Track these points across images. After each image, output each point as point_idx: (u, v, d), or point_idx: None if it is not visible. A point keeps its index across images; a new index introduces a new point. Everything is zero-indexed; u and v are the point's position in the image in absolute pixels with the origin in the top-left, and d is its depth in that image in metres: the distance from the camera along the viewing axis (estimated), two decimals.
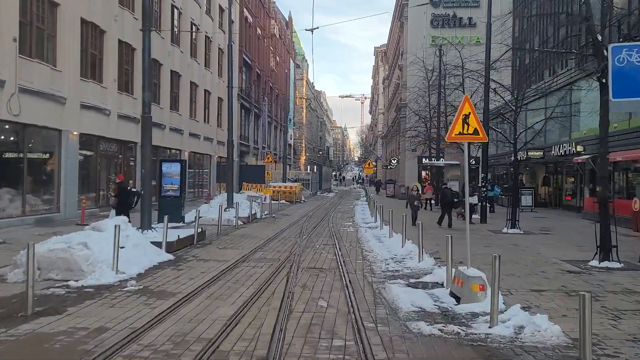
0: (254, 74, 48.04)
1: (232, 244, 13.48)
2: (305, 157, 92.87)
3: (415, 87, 36.52)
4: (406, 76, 41.22)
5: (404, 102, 41.46)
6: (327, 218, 22.29)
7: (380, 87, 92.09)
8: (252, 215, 20.48)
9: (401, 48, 46.33)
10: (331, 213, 25.30)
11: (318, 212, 25.84)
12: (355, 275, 9.52)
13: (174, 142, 28.15)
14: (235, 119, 41.71)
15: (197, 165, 33.24)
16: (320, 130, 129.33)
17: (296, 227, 18.11)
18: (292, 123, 75.16)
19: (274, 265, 10.30)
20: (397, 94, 51.04)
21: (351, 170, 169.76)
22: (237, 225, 17.43)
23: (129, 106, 22.64)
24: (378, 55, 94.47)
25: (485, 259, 10.18)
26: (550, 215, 25.03)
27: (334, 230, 17.23)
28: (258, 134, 51.89)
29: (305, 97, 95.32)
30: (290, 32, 74.80)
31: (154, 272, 9.34)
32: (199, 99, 32.65)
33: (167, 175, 17.88)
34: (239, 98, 42.44)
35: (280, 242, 14.14)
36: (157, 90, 26.04)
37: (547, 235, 16.64)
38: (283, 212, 25.53)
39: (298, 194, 34.15)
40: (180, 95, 29.34)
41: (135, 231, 10.41)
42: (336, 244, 13.58)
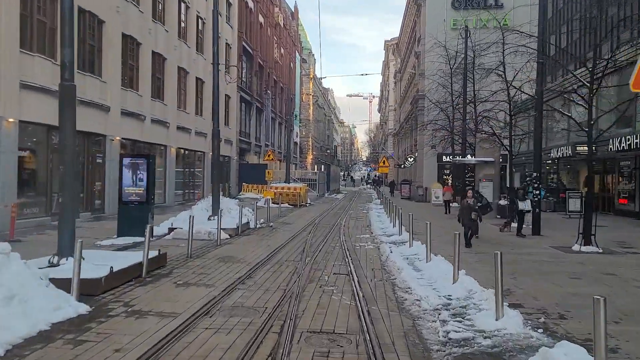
0: (255, 65, 43.91)
1: (200, 274, 9.27)
2: (313, 156, 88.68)
3: (435, 75, 32.21)
4: (424, 64, 36.87)
5: (421, 92, 37.13)
6: (338, 227, 18.06)
7: (390, 82, 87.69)
8: (244, 226, 16.31)
9: (417, 34, 41.97)
10: (342, 220, 21.06)
11: (326, 219, 21.60)
12: (395, 355, 5.29)
13: (157, 136, 24.03)
14: (234, 112, 37.64)
15: (187, 163, 29.14)
16: (328, 129, 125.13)
17: (298, 243, 13.89)
18: (299, 120, 71.00)
19: (253, 327, 6.09)
20: (412, 86, 46.69)
21: (359, 170, 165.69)
22: (218, 242, 13.21)
23: (95, 90, 18.60)
24: (388, 49, 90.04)
25: (585, 302, 5.96)
26: (607, 223, 20.61)
27: (348, 248, 12.99)
28: (261, 131, 47.76)
29: (312, 93, 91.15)
30: (296, 23, 70.64)
31: (29, 348, 5.16)
32: (190, 87, 28.54)
33: (131, 175, 13.71)
34: (238, 90, 38.33)
35: (273, 270, 9.92)
36: (133, 73, 21.94)
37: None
38: (284, 219, 21.31)
39: (303, 196, 29.97)
40: (165, 81, 25.23)
41: (19, 266, 6.18)
42: (353, 275, 9.35)
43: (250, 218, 17.68)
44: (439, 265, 9.77)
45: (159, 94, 24.50)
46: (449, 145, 33.25)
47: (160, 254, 9.59)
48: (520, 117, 22.92)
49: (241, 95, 39.64)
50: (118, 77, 20.14)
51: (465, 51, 27.60)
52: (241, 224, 15.56)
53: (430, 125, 33.23)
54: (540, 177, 17.00)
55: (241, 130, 41.12)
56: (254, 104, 43.76)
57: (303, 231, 16.80)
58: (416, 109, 39.35)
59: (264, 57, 47.42)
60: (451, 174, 37.32)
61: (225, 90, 35.14)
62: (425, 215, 24.70)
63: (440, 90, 32.71)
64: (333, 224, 19.30)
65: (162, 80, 24.96)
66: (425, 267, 9.96)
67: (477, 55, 25.22)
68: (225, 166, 36.39)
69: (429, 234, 10.74)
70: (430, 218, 21.34)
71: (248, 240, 14.18)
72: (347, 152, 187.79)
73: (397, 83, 69.94)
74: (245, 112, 42.98)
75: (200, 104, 30.90)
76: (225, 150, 35.40)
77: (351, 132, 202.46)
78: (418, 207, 29.09)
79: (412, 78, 46.50)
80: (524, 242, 14.51)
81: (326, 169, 52.94)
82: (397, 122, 69.13)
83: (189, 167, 29.39)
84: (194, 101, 29.33)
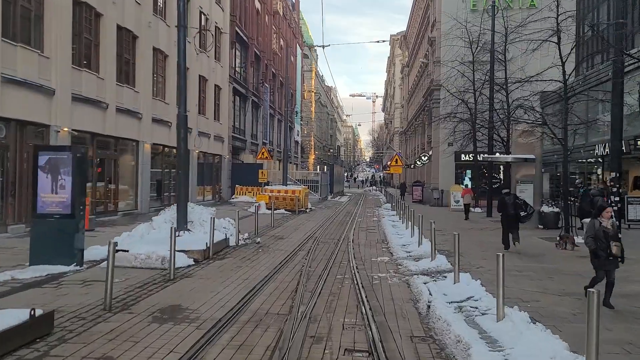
0: (251, 54, 39.75)
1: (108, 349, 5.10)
2: (315, 156, 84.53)
3: (454, 61, 28.02)
4: (439, 50, 32.64)
5: (436, 83, 32.89)
6: (345, 244, 13.86)
7: (396, 79, 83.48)
8: (219, 244, 12.14)
9: (431, 18, 37.72)
10: (350, 232, 16.86)
11: (330, 231, 17.40)
12: None
13: (126, 128, 19.86)
14: (226, 106, 33.48)
15: (168, 163, 24.97)
16: (331, 128, 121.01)
17: (289, 274, 9.68)
18: (299, 117, 66.86)
19: None
20: (423, 77, 42.46)
21: (362, 170, 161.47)
22: (172, 275, 8.96)
23: (32, 67, 14.47)
24: (394, 44, 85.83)
25: None
26: None
27: (363, 283, 8.80)
28: (257, 127, 43.60)
29: (314, 90, 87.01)
30: (297, 15, 66.49)
31: None
32: (170, 74, 24.38)
33: (49, 176, 9.54)
34: (231, 81, 34.19)
35: (238, 340, 5.73)
36: (91, 51, 17.82)
37: None
38: (277, 231, 17.10)
39: (303, 200, 25.79)
40: (137, 64, 21.08)
41: None
42: (379, 352, 5.16)
43: (231, 232, 13.50)
44: (526, 333, 5.56)
45: (128, 78, 20.35)
46: (471, 141, 29.04)
47: (35, 318, 5.36)
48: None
49: (234, 87, 35.50)
50: (68, 53, 16.00)
51: (492, 27, 23.42)
52: (212, 244, 11.33)
53: (449, 118, 29.02)
54: (619, 179, 12.78)
55: (235, 126, 36.97)
56: (249, 97, 39.61)
57: (299, 250, 12.61)
58: (430, 101, 35.14)
59: (261, 47, 43.28)
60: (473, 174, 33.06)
61: (215, 80, 31.02)
62: (446, 223, 20.57)
63: (459, 79, 28.54)
64: (339, 239, 15.09)
65: (132, 62, 20.81)
66: (502, 334, 5.75)
67: (511, 32, 21.04)
68: (215, 166, 32.25)
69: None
70: (453, 227, 17.14)
71: (219, 270, 9.97)
72: (350, 152, 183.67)
73: (405, 78, 65.72)
74: (240, 107, 38.83)
75: None
76: (215, 147, 31.26)
77: (354, 133, 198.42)
78: (435, 213, 24.91)
79: (424, 69, 42.26)
80: None
81: (329, 169, 48.76)
82: (405, 119, 64.93)
83: (170, 167, 25.27)
84: (173, 89, 25.13)
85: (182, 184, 12.46)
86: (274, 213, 23.67)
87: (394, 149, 65.78)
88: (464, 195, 25.53)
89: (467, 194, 25.38)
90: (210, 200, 30.86)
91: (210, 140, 30.19)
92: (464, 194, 25.80)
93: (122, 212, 19.82)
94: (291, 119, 61.22)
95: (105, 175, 18.83)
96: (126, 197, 20.55)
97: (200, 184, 29.88)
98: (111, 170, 19.36)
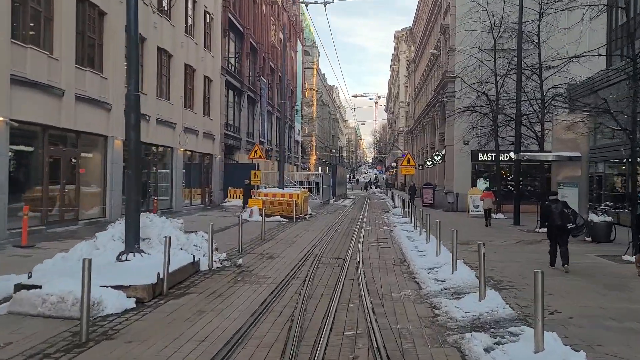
0: (246, 45, 36.52)
1: None
2: (316, 157, 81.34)
3: (473, 48, 24.78)
4: (454, 35, 29.38)
5: (451, 74, 29.62)
6: (354, 269, 10.59)
7: (401, 77, 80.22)
8: (184, 270, 8.90)
9: (443, 3, 34.40)
10: (357, 248, 13.60)
11: (333, 247, 14.12)
12: None
13: (90, 121, 16.64)
14: (218, 100, 30.25)
15: (150, 163, 21.70)
16: (333, 128, 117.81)
17: (275, 327, 6.37)
18: (300, 114, 63.66)
19: None
20: (434, 70, 39.18)
21: (365, 172, 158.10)
22: (82, 336, 5.68)
23: None
24: (399, 40, 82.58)
25: None
26: None
27: (386, 345, 5.55)
28: (254, 125, 40.37)
29: (315, 88, 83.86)
30: (298, 7, 63.27)
31: None
32: (149, 60, 21.18)
33: None
34: (223, 73, 30.97)
35: None
36: (40, 23, 14.60)
37: None
38: (268, 246, 13.82)
39: (302, 205, 22.54)
40: (105, 46, 17.86)
41: None
42: None
43: (203, 252, 10.25)
44: None
45: (92, 61, 17.13)
46: (491, 138, 25.80)
47: None
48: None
49: (227, 79, 32.28)
50: (6, 25, 12.78)
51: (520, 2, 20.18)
52: (168, 273, 8.02)
53: (467, 112, 25.77)
54: None
55: (228, 122, 33.74)
56: (245, 92, 36.36)
57: (292, 278, 9.35)
58: (443, 95, 31.86)
59: (258, 38, 40.05)
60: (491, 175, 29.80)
61: (205, 71, 27.80)
62: (470, 232, 17.43)
63: (477, 69, 25.34)
64: (344, 258, 11.83)
65: (99, 44, 17.60)
66: None
67: (548, 5, 17.83)
68: (205, 167, 29.02)
69: None
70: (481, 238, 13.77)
71: (168, 319, 6.67)
72: (353, 153, 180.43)
73: (411, 74, 62.46)
74: (234, 102, 35.61)
75: (167, 83, 23.51)
76: (205, 146, 28.03)
77: (357, 134, 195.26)
78: (451, 220, 21.69)
79: (435, 61, 38.97)
80: None
81: (332, 170, 45.49)
82: (411, 118, 61.66)
83: (155, 166, 21.97)
84: (155, 78, 21.94)
85: (132, 188, 9.19)
86: (269, 221, 20.52)
87: (400, 148, 62.40)
88: (484, 199, 22.37)
89: (487, 198, 22.20)
90: (199, 205, 27.64)
91: (199, 137, 26.96)
92: (483, 197, 22.61)
93: (86, 220, 16.60)
94: (291, 117, 58.01)
95: (62, 177, 15.58)
96: (91, 203, 17.33)
97: (187, 186, 26.67)
98: (69, 171, 16.12)
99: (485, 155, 29.21)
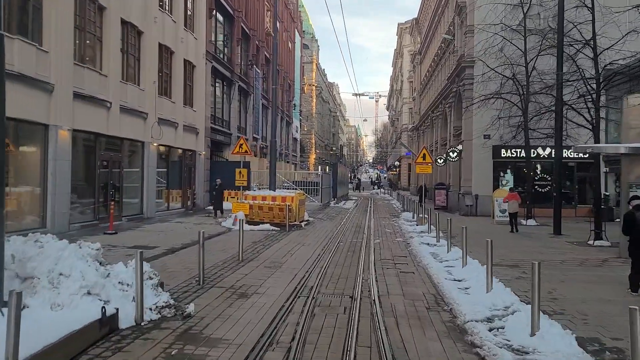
0: (237, 31, 32.74)
1: None
2: (316, 156, 77.59)
3: (499, 25, 21.06)
4: (473, 12, 25.59)
5: (469, 58, 25.82)
6: (368, 319, 6.85)
7: (404, 72, 76.39)
8: (84, 335, 5.14)
9: None
10: (369, 274, 9.83)
11: (334, 272, 10.29)
12: None
13: (22, 106, 12.82)
14: (202, 89, 26.45)
15: (113, 159, 17.88)
16: (333, 127, 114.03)
17: None
18: (298, 110, 59.86)
19: None
20: (445, 57, 35.35)
21: (365, 171, 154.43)
22: None
23: None
24: (402, 33, 78.74)
25: None
26: None
27: None
28: (246, 120, 36.61)
29: (315, 84, 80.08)
30: None
31: None
32: (110, 33, 17.38)
33: None
34: (209, 59, 27.21)
35: None
36: None
37: None
38: (242, 273, 9.95)
39: (296, 210, 18.77)
40: (45, 12, 14.05)
41: None
42: None
43: (133, 295, 6.47)
44: None
45: (25, 29, 13.33)
46: (519, 130, 22.10)
47: None
48: None
49: (215, 67, 28.50)
50: None
51: None
52: None
53: (489, 102, 22.05)
54: None
55: (215, 116, 29.99)
56: (235, 82, 32.58)
57: (268, 346, 5.59)
58: (459, 83, 28.06)
59: (251, 24, 36.28)
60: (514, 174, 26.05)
61: (186, 54, 24.02)
62: (504, 244, 13.68)
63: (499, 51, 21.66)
64: (352, 295, 8.06)
65: (38, 7, 13.79)
66: None
67: None
68: (187, 165, 25.23)
69: None
70: (522, 252, 10.03)
71: None
72: (353, 153, 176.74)
73: (416, 67, 58.64)
74: (224, 93, 31.85)
75: (136, 65, 19.72)
76: (186, 141, 24.25)
77: (357, 133, 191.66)
78: (474, 226, 18.00)
79: (446, 48, 35.16)
80: None
81: (332, 169, 41.67)
82: (416, 114, 57.86)
83: (111, 164, 18.22)
84: (119, 58, 18.15)
85: None
86: (256, 230, 16.81)
87: (405, 145, 58.56)
88: (508, 202, 18.78)
89: (512, 201, 18.65)
90: (179, 209, 23.86)
91: (179, 130, 23.19)
92: (508, 199, 18.99)
93: (16, 232, 12.81)
94: (289, 112, 54.20)
95: None
96: (23, 210, 13.56)
97: (167, 188, 22.91)
98: None
99: (509, 152, 25.43)
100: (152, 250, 11.73)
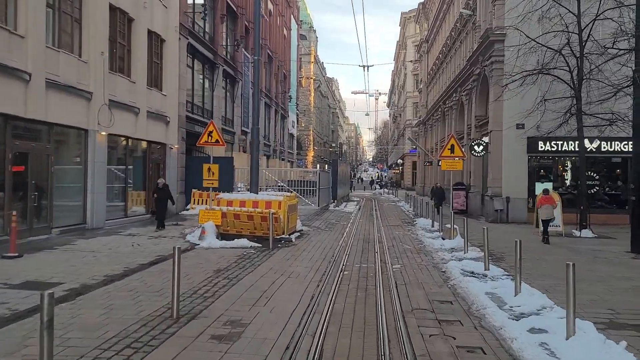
0: (221, 5, 28.13)
1: None
2: (314, 153, 72.94)
3: None
4: None
5: (498, 31, 21.15)
6: None
7: (407, 65, 71.76)
8: None
9: None
10: (396, 351, 5.23)
11: (338, 343, 5.70)
12: None
13: None
14: (174, 69, 21.80)
15: (35, 152, 13.25)
16: (333, 123, 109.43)
17: None
18: (294, 103, 55.19)
19: None
20: (462, 35, 30.66)
21: (365, 170, 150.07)
22: None
23: None
24: (405, 23, 74.15)
25: None
26: None
27: None
28: (233, 110, 32.02)
29: (313, 77, 75.47)
30: None
31: None
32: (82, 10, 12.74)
33: None
34: (184, 33, 22.58)
35: None
36: None
37: None
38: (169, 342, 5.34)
39: (285, 220, 14.16)
40: None
41: None
42: None
43: None
44: None
45: None
46: (564, 119, 17.59)
47: None
48: None
49: (193, 45, 23.89)
50: None
51: None
52: None
53: (526, 83, 17.50)
54: None
55: (194, 103, 25.40)
56: (219, 65, 27.94)
57: None
58: (483, 63, 23.37)
59: (239, 1, 31.68)
60: (553, 172, 21.49)
61: (150, 24, 19.40)
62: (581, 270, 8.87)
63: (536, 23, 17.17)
64: None
65: None
66: None
67: None
68: (154, 160, 20.60)
69: None
70: (617, 291, 5.64)
71: None
72: (353, 151, 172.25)
73: (423, 56, 53.97)
74: (205, 77, 27.27)
75: (74, 28, 15.05)
76: (151, 131, 19.63)
77: (357, 131, 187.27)
78: (511, 237, 13.45)
79: (463, 27, 30.49)
80: None
81: (332, 167, 37.01)
82: (423, 107, 53.25)
83: (37, 157, 13.56)
84: (43, 15, 13.50)
85: None
86: (228, 247, 12.26)
87: (414, 141, 53.83)
88: (542, 207, 14.64)
89: (546, 205, 14.74)
90: (141, 215, 19.23)
91: (140, 118, 18.57)
92: (542, 203, 14.75)
93: None
94: (284, 105, 49.50)
95: None
96: None
97: (125, 189, 18.32)
98: None
99: (549, 144, 20.83)
100: (44, 292, 7.09)
